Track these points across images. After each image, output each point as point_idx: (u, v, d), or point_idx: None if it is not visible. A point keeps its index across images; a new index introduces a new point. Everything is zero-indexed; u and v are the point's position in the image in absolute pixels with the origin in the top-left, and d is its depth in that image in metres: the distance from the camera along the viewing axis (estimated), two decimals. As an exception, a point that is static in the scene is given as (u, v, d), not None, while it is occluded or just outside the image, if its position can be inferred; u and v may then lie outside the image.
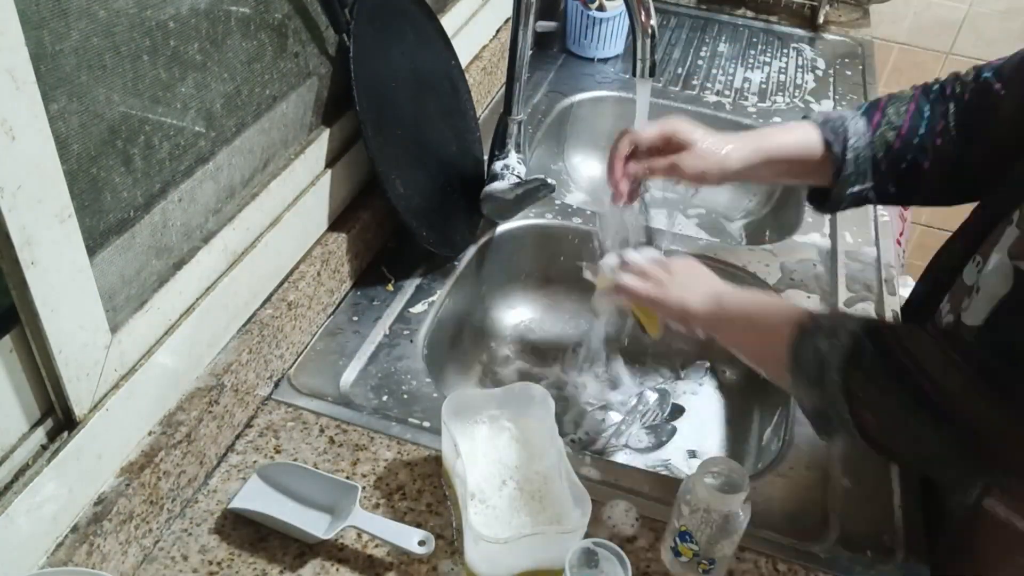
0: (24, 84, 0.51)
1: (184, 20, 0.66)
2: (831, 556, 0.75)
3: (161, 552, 0.71)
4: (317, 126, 0.92)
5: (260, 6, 0.76)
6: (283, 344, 0.87)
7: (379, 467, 0.80)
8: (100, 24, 0.58)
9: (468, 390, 0.77)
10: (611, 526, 0.76)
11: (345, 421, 0.84)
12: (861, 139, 0.85)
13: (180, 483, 0.73)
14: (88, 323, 0.62)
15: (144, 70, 0.63)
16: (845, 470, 0.83)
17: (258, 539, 0.73)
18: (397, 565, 0.72)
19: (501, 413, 0.79)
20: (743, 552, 0.75)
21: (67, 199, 0.57)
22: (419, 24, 1.04)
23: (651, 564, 0.74)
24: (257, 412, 0.84)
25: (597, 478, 0.81)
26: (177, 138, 0.69)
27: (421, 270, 1.04)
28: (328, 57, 0.90)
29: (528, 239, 1.16)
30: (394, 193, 0.92)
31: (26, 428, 0.61)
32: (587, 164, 1.51)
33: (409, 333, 0.95)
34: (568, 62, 1.55)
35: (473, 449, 0.77)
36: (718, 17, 1.78)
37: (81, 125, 0.58)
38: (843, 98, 1.51)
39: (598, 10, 1.50)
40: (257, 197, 0.81)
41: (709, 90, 1.50)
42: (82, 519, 0.64)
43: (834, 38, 1.73)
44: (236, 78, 0.75)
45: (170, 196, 0.69)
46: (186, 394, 0.75)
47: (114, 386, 0.67)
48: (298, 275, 0.89)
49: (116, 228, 0.64)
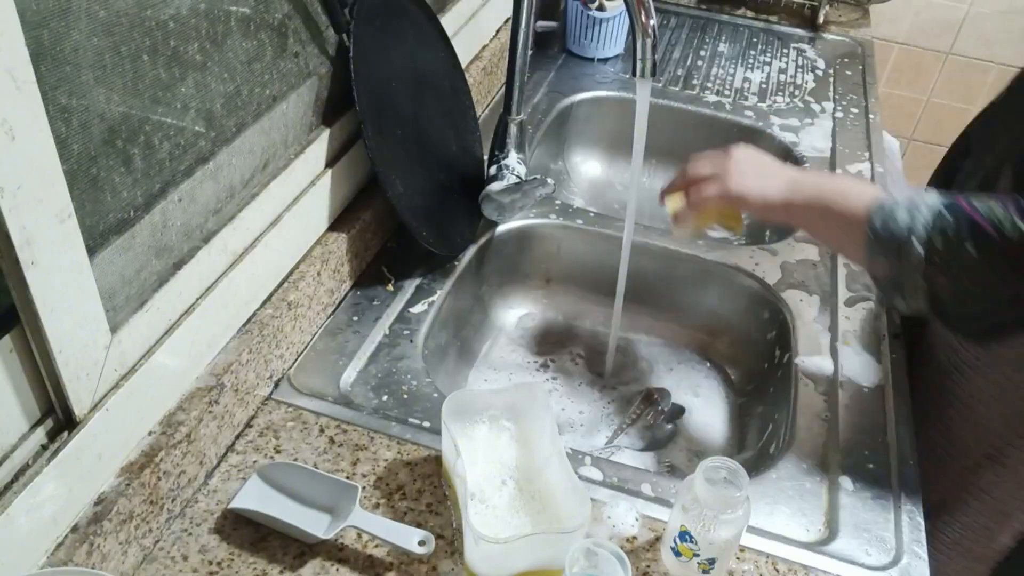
0: (24, 84, 0.51)
1: (184, 20, 0.66)
2: (831, 556, 0.75)
3: (161, 552, 0.71)
4: (317, 126, 0.92)
5: (260, 6, 0.76)
6: (283, 344, 0.87)
7: (379, 467, 0.80)
8: (100, 24, 0.58)
9: (468, 390, 0.77)
10: (611, 526, 0.76)
11: (345, 421, 0.84)
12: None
13: (180, 483, 0.73)
14: (88, 323, 0.62)
15: (144, 70, 0.63)
16: (845, 470, 0.83)
17: (258, 539, 0.73)
18: (397, 565, 0.72)
19: (501, 413, 0.79)
20: (743, 552, 0.75)
21: (67, 199, 0.57)
22: (419, 24, 1.04)
23: (651, 564, 0.74)
24: (257, 412, 0.84)
25: (597, 478, 0.81)
26: (177, 138, 0.69)
27: (421, 270, 1.04)
28: (328, 57, 0.90)
29: (528, 239, 1.16)
30: (394, 193, 0.92)
31: (26, 428, 0.61)
32: (587, 164, 1.51)
33: (409, 333, 0.95)
34: (568, 62, 1.55)
35: (473, 449, 0.77)
36: (718, 17, 1.78)
37: (81, 125, 0.58)
38: (843, 98, 1.51)
39: (598, 10, 1.50)
40: (257, 197, 0.81)
41: (709, 90, 1.50)
42: (82, 519, 0.64)
43: (834, 38, 1.73)
44: (236, 78, 0.75)
45: (170, 196, 0.70)
46: (186, 394, 0.75)
47: (114, 386, 0.67)
48: (298, 275, 0.89)
49: (116, 228, 0.64)
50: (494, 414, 0.79)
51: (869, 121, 1.45)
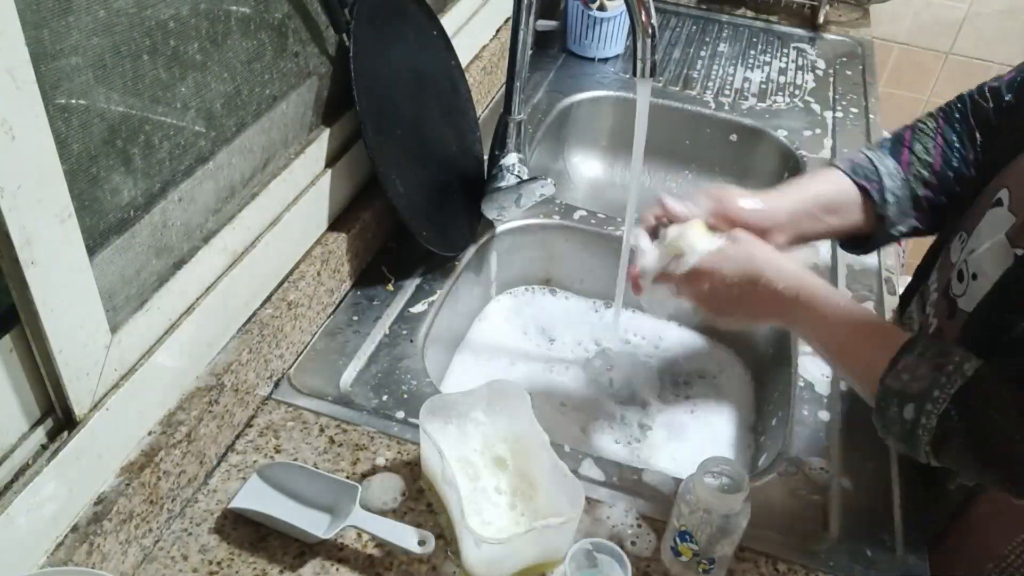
0: (24, 84, 0.51)
1: (184, 20, 0.66)
2: (831, 556, 0.75)
3: (161, 552, 0.71)
4: (317, 126, 0.92)
5: (260, 6, 0.76)
6: (283, 344, 0.87)
7: (379, 467, 0.80)
8: (100, 24, 0.58)
9: (443, 394, 0.77)
10: (611, 526, 0.76)
11: (345, 421, 0.84)
12: (895, 179, 0.84)
13: (180, 483, 0.73)
14: (88, 323, 0.62)
15: (144, 70, 0.63)
16: (845, 470, 0.83)
17: (258, 539, 0.73)
18: (397, 565, 0.72)
19: (479, 412, 0.79)
20: (743, 552, 0.75)
21: (67, 199, 0.57)
22: (419, 24, 1.04)
23: (651, 564, 0.74)
24: (257, 412, 0.84)
25: (598, 478, 0.81)
26: (177, 138, 0.69)
27: (421, 270, 1.04)
28: (328, 57, 0.90)
29: (528, 239, 1.16)
30: (394, 193, 0.92)
31: (26, 428, 0.61)
32: (587, 164, 1.51)
33: (409, 333, 0.95)
34: (568, 62, 1.55)
35: (457, 452, 0.77)
36: (718, 17, 1.78)
37: (81, 125, 0.58)
38: (843, 98, 1.51)
39: (599, 10, 1.50)
40: (257, 197, 0.81)
41: (709, 90, 1.50)
42: (82, 519, 0.64)
43: (834, 38, 1.73)
44: (236, 78, 0.75)
45: (170, 196, 0.70)
46: (186, 394, 0.75)
47: (114, 386, 0.67)
48: (298, 275, 0.89)
49: (116, 228, 0.64)
50: (473, 415, 0.79)
51: (869, 121, 1.45)
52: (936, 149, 0.84)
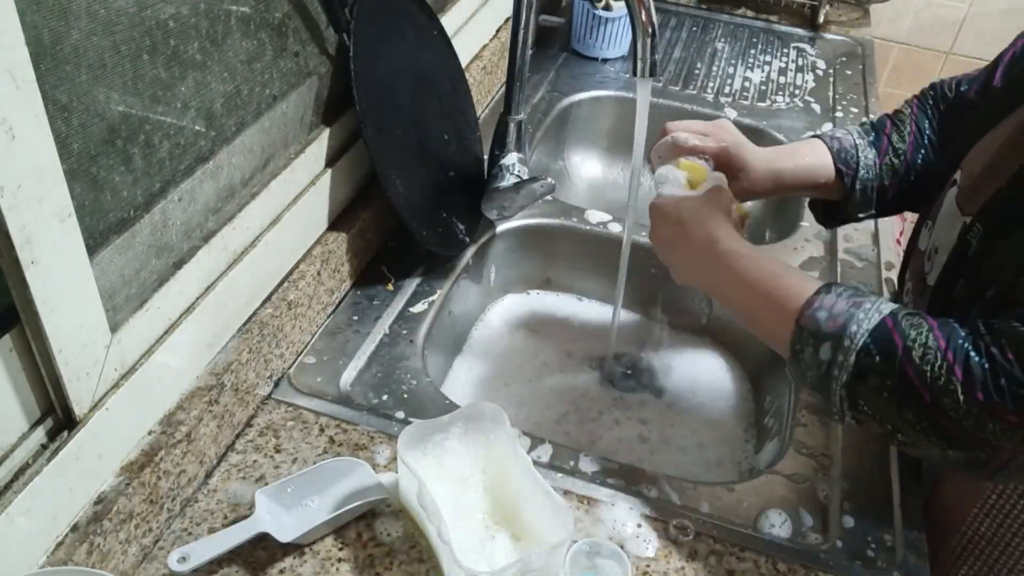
0: (24, 84, 0.51)
1: (184, 19, 0.66)
2: (831, 556, 0.75)
3: (161, 551, 0.71)
4: (317, 125, 0.92)
5: (260, 5, 0.76)
6: (283, 343, 0.87)
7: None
8: (100, 23, 0.58)
9: (420, 422, 0.73)
10: (611, 526, 0.76)
11: (345, 421, 0.84)
12: (870, 171, 0.90)
13: (180, 482, 0.73)
14: (88, 322, 0.62)
15: (144, 69, 0.63)
16: (845, 470, 0.83)
17: (257, 538, 0.73)
18: (397, 565, 0.72)
19: (455, 438, 0.76)
20: (743, 552, 0.75)
21: (67, 199, 0.57)
22: (419, 24, 1.04)
23: (651, 564, 0.74)
24: (257, 411, 0.84)
25: (597, 478, 0.81)
26: (177, 137, 0.69)
27: (421, 270, 1.04)
28: (328, 57, 0.90)
29: (528, 239, 1.16)
30: (394, 193, 0.92)
31: (26, 427, 0.61)
32: (587, 164, 1.51)
33: (409, 333, 0.95)
34: (569, 61, 1.55)
35: (437, 480, 0.74)
36: (718, 17, 1.78)
37: (81, 124, 0.58)
38: (843, 98, 1.51)
39: (604, 9, 1.50)
40: (257, 196, 0.81)
41: (709, 90, 1.50)
42: (82, 518, 0.64)
43: (834, 38, 1.73)
44: (236, 77, 0.75)
45: (170, 195, 0.70)
46: (186, 393, 0.75)
47: (114, 385, 0.67)
48: (298, 275, 0.89)
49: (116, 227, 0.64)
50: (449, 443, 0.76)
51: (869, 121, 1.45)
52: (910, 137, 0.90)
